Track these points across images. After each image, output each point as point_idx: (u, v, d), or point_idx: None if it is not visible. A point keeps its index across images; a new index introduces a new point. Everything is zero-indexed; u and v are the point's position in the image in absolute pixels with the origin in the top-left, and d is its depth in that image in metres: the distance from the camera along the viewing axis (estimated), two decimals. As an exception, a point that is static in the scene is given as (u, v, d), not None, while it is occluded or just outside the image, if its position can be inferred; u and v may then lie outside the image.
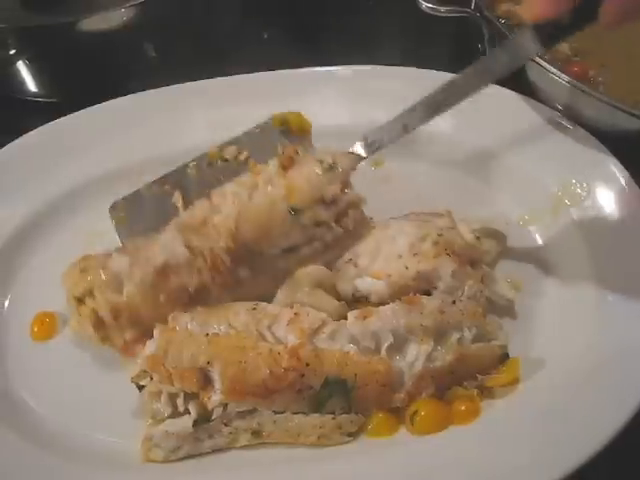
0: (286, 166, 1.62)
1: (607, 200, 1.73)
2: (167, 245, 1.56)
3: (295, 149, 1.66)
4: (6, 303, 1.72)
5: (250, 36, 2.37)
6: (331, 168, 1.62)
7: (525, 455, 1.38)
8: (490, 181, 1.88)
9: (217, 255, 1.55)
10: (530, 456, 1.37)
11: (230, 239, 1.55)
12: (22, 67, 2.14)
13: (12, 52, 2.10)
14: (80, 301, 1.58)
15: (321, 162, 1.62)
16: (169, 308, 1.54)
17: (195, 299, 1.56)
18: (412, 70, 2.02)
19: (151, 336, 1.52)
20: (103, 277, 1.55)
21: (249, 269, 1.59)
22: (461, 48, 2.21)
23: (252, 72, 2.03)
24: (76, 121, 1.96)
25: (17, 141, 1.92)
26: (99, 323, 1.55)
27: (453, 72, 1.89)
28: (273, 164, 1.64)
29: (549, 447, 1.38)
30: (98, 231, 1.81)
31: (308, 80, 2.03)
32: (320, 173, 1.60)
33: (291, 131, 1.78)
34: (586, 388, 1.46)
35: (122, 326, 1.55)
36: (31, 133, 1.94)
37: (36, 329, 1.66)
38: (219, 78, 2.04)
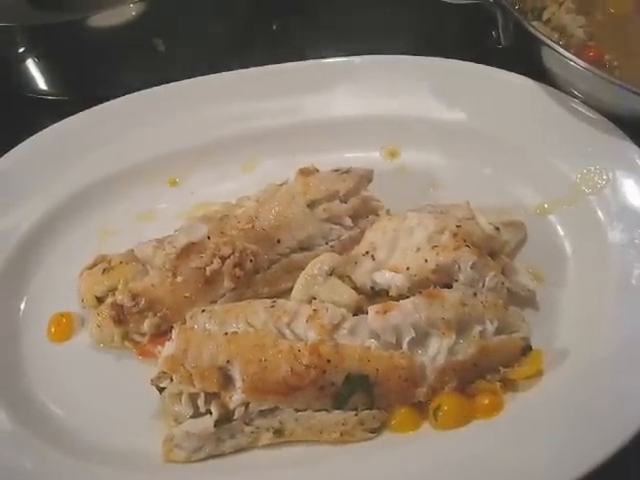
0: (306, 174, 1.70)
1: (627, 187, 1.70)
2: (189, 228, 1.63)
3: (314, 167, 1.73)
4: (22, 305, 1.71)
5: (260, 29, 2.35)
6: (347, 171, 1.73)
7: (550, 449, 1.36)
8: (507, 170, 1.85)
9: (236, 238, 1.60)
10: (555, 450, 1.36)
11: (250, 224, 1.61)
12: (31, 65, 2.12)
13: (21, 50, 2.08)
14: (100, 301, 1.60)
15: (337, 169, 1.74)
16: (185, 289, 1.58)
17: (210, 282, 1.58)
18: (433, 60, 1.99)
19: (170, 331, 1.51)
20: (128, 267, 1.61)
21: (265, 257, 1.62)
22: (474, 35, 2.17)
23: (264, 65, 2.01)
24: (87, 119, 1.95)
25: (28, 141, 1.91)
26: (119, 317, 1.56)
27: (468, 60, 1.90)
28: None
29: (574, 441, 1.36)
30: (111, 230, 1.82)
31: (325, 71, 2.00)
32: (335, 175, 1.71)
33: None
34: (611, 379, 1.44)
35: (141, 312, 1.56)
36: (42, 132, 1.92)
37: (53, 330, 1.65)
38: (232, 71, 2.02)
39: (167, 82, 2.00)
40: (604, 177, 1.72)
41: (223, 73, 2.01)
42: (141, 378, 1.50)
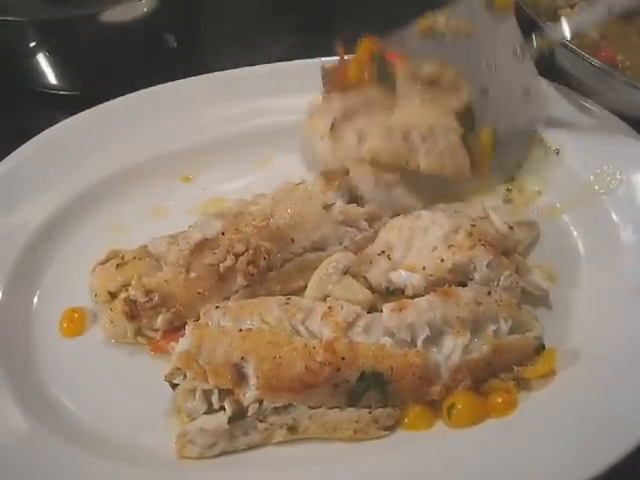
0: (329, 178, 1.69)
1: (639, 187, 1.70)
2: (203, 224, 1.63)
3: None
4: (35, 300, 1.70)
5: (273, 24, 2.34)
6: None
7: (564, 448, 1.36)
8: (520, 169, 1.84)
9: (250, 236, 1.59)
10: (569, 449, 1.36)
11: (265, 221, 1.61)
12: (42, 60, 2.12)
13: (32, 45, 2.08)
14: (113, 296, 1.60)
15: None
16: (198, 285, 1.57)
17: (223, 279, 1.58)
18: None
19: (183, 327, 1.51)
20: (142, 263, 1.61)
21: (279, 255, 1.61)
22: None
23: (276, 61, 2.01)
24: (99, 115, 1.94)
25: (39, 136, 1.90)
26: (132, 312, 1.55)
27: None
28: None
29: (588, 440, 1.36)
30: (123, 226, 1.81)
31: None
32: None
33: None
34: (624, 378, 1.44)
35: (155, 308, 1.56)
36: (53, 128, 1.92)
37: (66, 325, 1.64)
38: (245, 68, 2.02)
39: (180, 77, 2.00)
40: (617, 177, 1.72)
41: (236, 69, 2.02)
42: (154, 374, 1.50)
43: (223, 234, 1.60)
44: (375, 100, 1.77)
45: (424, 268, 1.53)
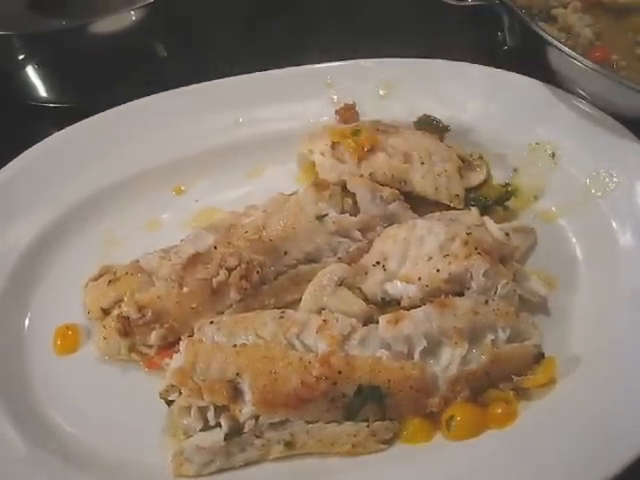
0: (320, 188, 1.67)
1: (637, 189, 1.68)
2: (195, 237, 1.62)
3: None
4: (27, 322, 1.68)
5: (261, 32, 2.32)
6: None
7: (565, 458, 1.34)
8: (516, 173, 1.82)
9: (242, 249, 1.58)
10: (570, 459, 1.34)
11: (257, 234, 1.60)
12: (32, 72, 2.10)
13: (21, 57, 2.06)
14: (106, 312, 1.58)
15: None
16: (191, 300, 1.56)
17: (216, 294, 1.56)
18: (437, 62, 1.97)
19: (177, 342, 1.49)
20: (134, 279, 1.59)
21: (272, 268, 1.60)
22: (480, 37, 2.14)
23: (267, 69, 2.00)
24: (89, 128, 1.93)
25: (29, 150, 1.88)
26: (126, 329, 1.54)
27: (474, 61, 1.87)
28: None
29: (589, 450, 1.34)
30: (115, 240, 1.80)
31: (330, 75, 1.97)
32: None
33: None
34: (625, 385, 1.42)
35: (148, 324, 1.54)
36: (44, 142, 1.90)
37: (59, 342, 1.63)
38: (236, 77, 2.00)
39: (170, 88, 1.98)
40: (614, 179, 1.70)
41: (227, 78, 1.99)
42: (149, 390, 1.49)
43: (215, 248, 1.59)
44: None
45: (420, 279, 1.51)
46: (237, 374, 1.40)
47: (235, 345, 1.43)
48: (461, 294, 1.51)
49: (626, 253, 1.61)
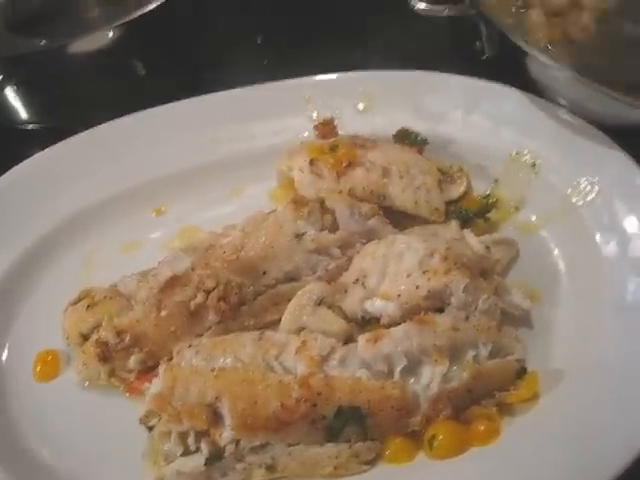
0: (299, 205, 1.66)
1: (618, 198, 1.66)
2: (173, 260, 1.60)
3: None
4: (4, 353, 1.67)
5: (243, 45, 2.31)
6: None
7: (549, 474, 1.33)
8: (496, 184, 1.82)
9: (220, 270, 1.57)
10: (555, 475, 1.32)
11: (235, 254, 1.58)
12: (10, 94, 2.09)
13: (-1, 79, 2.05)
14: (85, 337, 1.57)
15: None
16: (170, 323, 1.55)
17: (195, 316, 1.56)
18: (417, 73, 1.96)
19: (156, 366, 1.48)
20: (112, 303, 1.58)
21: (251, 288, 1.59)
22: (458, 47, 2.13)
23: (249, 84, 1.99)
24: (68, 149, 1.92)
25: (7, 174, 1.87)
26: (105, 354, 1.53)
27: (453, 72, 1.86)
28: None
29: (574, 464, 1.32)
30: (96, 262, 1.79)
31: (311, 90, 1.97)
32: None
33: None
34: (608, 401, 1.40)
35: (127, 348, 1.53)
36: (21, 164, 1.89)
37: (39, 369, 1.62)
38: (216, 93, 1.99)
39: (149, 106, 1.97)
40: (595, 188, 1.68)
41: (205, 95, 1.99)
42: (130, 416, 1.47)
43: (193, 269, 1.57)
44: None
45: (399, 296, 1.49)
46: (216, 398, 1.38)
47: (214, 369, 1.41)
48: (442, 310, 1.49)
49: (609, 263, 1.59)
